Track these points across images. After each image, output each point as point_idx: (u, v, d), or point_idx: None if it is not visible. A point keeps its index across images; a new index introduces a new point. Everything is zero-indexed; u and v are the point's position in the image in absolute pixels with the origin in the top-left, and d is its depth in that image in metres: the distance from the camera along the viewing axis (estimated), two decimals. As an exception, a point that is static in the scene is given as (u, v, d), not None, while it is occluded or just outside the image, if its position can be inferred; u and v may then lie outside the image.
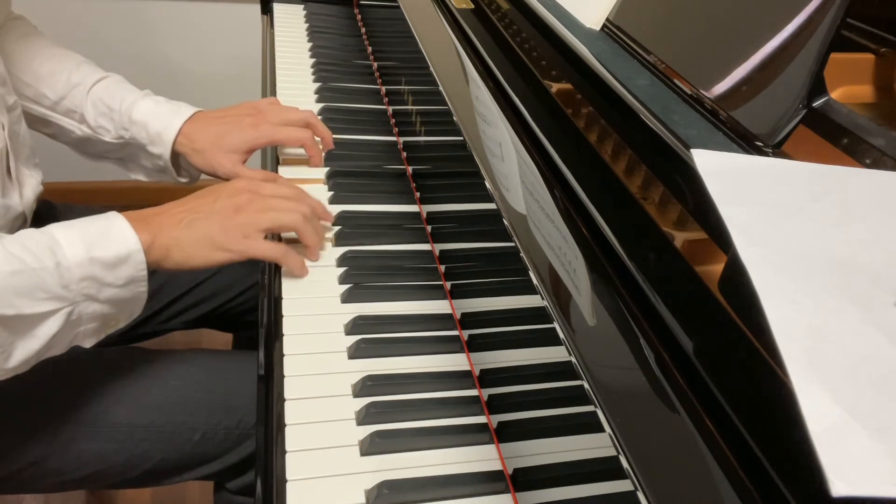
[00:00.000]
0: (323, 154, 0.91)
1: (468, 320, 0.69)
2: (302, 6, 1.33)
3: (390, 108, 1.04)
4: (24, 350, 0.60)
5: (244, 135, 0.85)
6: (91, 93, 0.87)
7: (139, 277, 0.65)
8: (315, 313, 0.70)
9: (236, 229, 0.69)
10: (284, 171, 0.89)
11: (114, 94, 0.87)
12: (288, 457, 0.56)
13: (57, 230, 0.62)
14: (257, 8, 1.32)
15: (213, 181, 0.82)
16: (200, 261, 0.69)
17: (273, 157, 0.91)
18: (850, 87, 0.51)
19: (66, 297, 0.60)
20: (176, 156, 0.87)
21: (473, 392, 0.63)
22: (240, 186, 0.73)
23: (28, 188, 0.80)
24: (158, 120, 0.85)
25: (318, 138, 0.90)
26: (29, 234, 0.61)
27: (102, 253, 0.62)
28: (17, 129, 0.79)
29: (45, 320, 0.60)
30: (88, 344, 0.66)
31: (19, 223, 0.80)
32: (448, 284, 0.74)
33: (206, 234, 0.68)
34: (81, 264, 0.61)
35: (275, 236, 0.75)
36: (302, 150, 0.90)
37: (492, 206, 0.59)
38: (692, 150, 0.41)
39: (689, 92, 0.51)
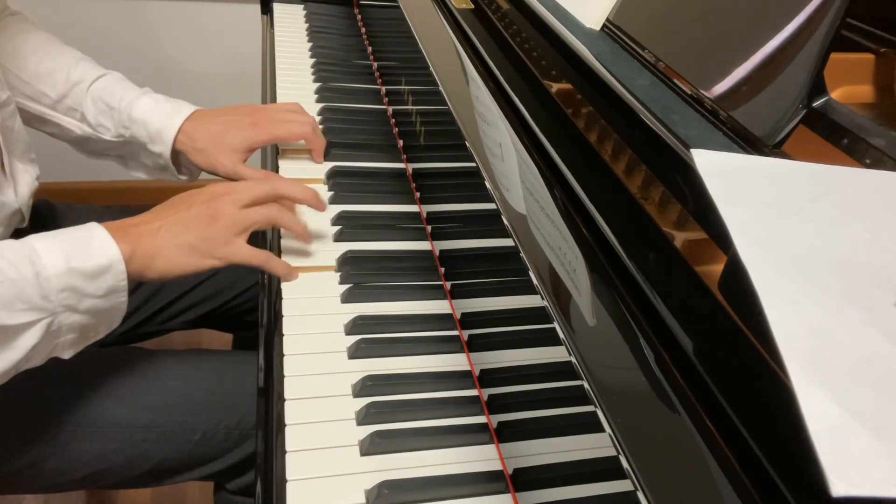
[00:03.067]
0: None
1: (468, 320, 0.69)
2: (302, 6, 1.33)
3: (390, 108, 1.04)
4: (4, 361, 0.59)
5: (244, 133, 0.85)
6: (90, 91, 0.87)
7: (119, 288, 0.64)
8: (315, 313, 0.70)
9: (216, 235, 0.68)
10: (284, 166, 0.89)
11: (113, 93, 0.87)
12: (288, 457, 0.56)
13: (36, 241, 0.61)
14: (257, 8, 1.32)
15: (212, 179, 0.82)
16: (183, 269, 0.68)
17: (273, 153, 0.92)
18: (850, 87, 0.51)
19: (45, 308, 0.59)
20: (176, 154, 0.87)
21: (473, 392, 0.63)
22: (213, 191, 0.71)
23: (23, 184, 0.80)
24: (158, 118, 0.85)
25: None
26: (7, 244, 0.60)
27: (83, 264, 0.61)
28: (10, 125, 0.79)
29: (24, 331, 0.59)
30: (67, 355, 0.65)
31: (16, 220, 0.80)
32: (448, 284, 0.74)
33: (186, 241, 0.67)
34: (61, 275, 0.60)
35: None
36: (302, 147, 0.90)
37: (492, 206, 0.59)
38: (692, 150, 0.41)
39: (689, 92, 0.51)
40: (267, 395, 0.64)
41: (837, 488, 0.25)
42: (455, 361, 0.66)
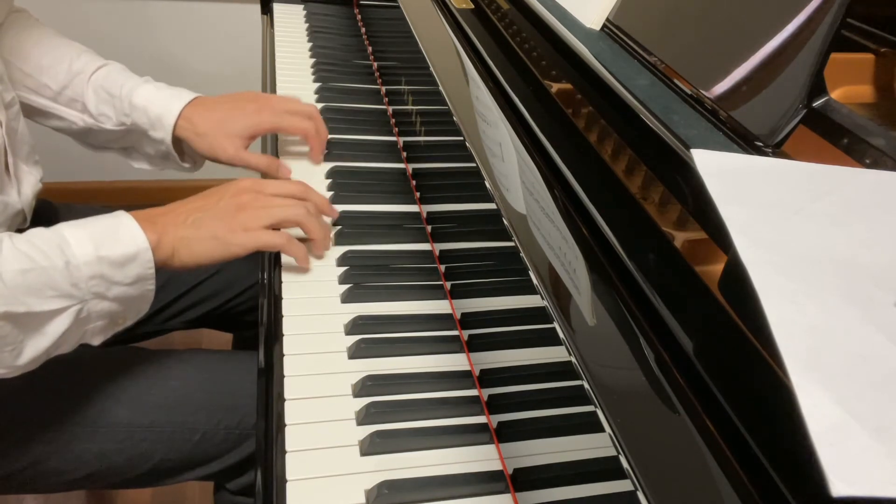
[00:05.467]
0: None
1: (468, 320, 0.69)
2: (302, 6, 1.33)
3: (390, 108, 1.04)
4: (35, 347, 0.61)
5: (247, 119, 0.85)
6: (92, 80, 0.87)
7: (147, 276, 0.66)
8: (315, 313, 0.70)
9: (239, 226, 0.69)
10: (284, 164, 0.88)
11: (114, 81, 0.87)
12: (288, 457, 0.56)
13: (66, 229, 0.62)
14: (257, 8, 1.32)
15: (214, 181, 0.82)
16: (205, 258, 0.69)
17: (273, 150, 0.91)
18: (850, 87, 0.51)
19: (75, 295, 0.61)
20: (178, 141, 0.87)
21: (473, 392, 0.63)
22: (243, 186, 0.73)
23: (27, 185, 0.80)
24: (159, 103, 0.85)
25: None
26: (38, 232, 0.62)
27: (111, 252, 0.62)
28: (15, 126, 0.79)
29: (54, 318, 0.61)
30: (97, 342, 0.67)
31: (18, 221, 0.80)
32: (448, 284, 0.74)
33: (210, 232, 0.69)
34: (90, 263, 0.61)
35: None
36: (303, 147, 0.90)
37: (492, 206, 0.59)
38: (692, 150, 0.41)
39: (689, 92, 0.51)
40: (267, 395, 0.64)
41: (837, 488, 0.25)
42: (455, 361, 0.66)
